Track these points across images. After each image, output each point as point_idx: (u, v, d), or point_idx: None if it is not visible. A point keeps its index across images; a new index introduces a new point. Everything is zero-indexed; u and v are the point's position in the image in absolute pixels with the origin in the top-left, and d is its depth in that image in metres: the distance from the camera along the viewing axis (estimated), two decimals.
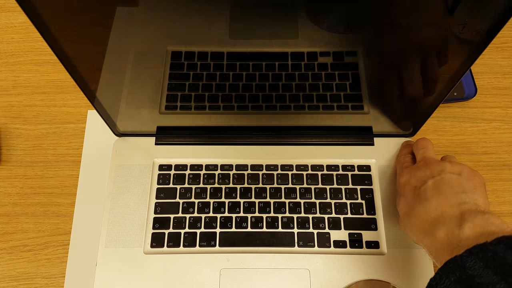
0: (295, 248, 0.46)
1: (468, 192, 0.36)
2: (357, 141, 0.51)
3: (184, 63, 0.52)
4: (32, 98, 0.56)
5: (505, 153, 0.53)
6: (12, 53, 0.58)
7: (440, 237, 0.34)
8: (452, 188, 0.36)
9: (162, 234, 0.46)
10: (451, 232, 0.33)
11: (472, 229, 0.32)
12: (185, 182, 0.49)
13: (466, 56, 0.37)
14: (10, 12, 0.61)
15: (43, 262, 0.48)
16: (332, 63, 0.51)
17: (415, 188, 0.39)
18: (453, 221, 0.34)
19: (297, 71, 0.51)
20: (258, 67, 0.51)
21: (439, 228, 0.34)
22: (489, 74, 0.57)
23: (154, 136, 0.51)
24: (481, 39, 0.35)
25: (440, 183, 0.37)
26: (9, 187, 0.52)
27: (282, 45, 0.52)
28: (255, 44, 0.52)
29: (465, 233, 0.32)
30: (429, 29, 0.39)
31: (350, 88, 0.51)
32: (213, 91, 0.51)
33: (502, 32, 0.33)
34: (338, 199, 0.48)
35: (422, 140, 0.45)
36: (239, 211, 0.47)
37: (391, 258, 0.45)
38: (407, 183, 0.41)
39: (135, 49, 0.48)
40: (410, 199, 0.39)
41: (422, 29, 0.39)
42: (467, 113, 0.55)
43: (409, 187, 0.40)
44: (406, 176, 0.41)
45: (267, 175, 0.49)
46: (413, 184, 0.40)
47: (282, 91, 0.51)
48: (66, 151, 0.53)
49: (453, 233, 0.33)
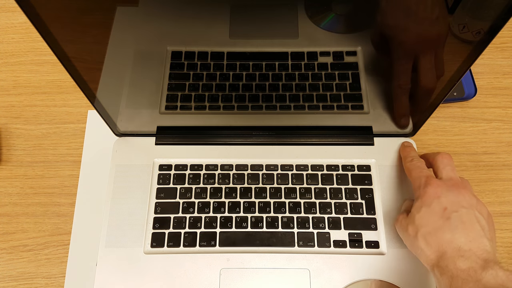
0: (295, 248, 0.46)
1: (491, 240, 0.37)
2: (357, 141, 0.51)
3: (184, 63, 0.52)
4: (32, 98, 0.56)
5: (505, 153, 0.53)
6: (12, 53, 0.59)
7: (461, 266, 0.35)
8: (479, 231, 0.38)
9: (162, 234, 0.46)
10: (474, 269, 0.35)
11: (494, 278, 0.34)
12: (185, 182, 0.49)
13: (466, 56, 0.37)
14: (10, 12, 0.61)
15: (43, 262, 0.48)
16: (332, 63, 0.51)
17: (445, 210, 0.39)
18: (478, 262, 0.35)
19: (297, 71, 0.51)
20: (258, 67, 0.51)
21: (463, 260, 0.36)
22: (489, 74, 0.57)
23: (154, 136, 0.51)
24: (481, 39, 0.35)
25: (470, 217, 0.38)
26: (9, 187, 0.52)
27: (282, 45, 0.52)
28: (255, 44, 0.52)
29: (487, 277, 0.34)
30: (429, 29, 0.39)
31: (350, 88, 0.51)
32: (213, 91, 0.51)
33: (502, 32, 0.33)
34: (338, 199, 0.48)
35: (446, 156, 0.44)
36: (239, 211, 0.47)
37: (391, 258, 0.45)
38: (437, 197, 0.40)
39: (135, 49, 0.48)
40: (436, 218, 0.39)
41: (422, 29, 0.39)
42: (467, 113, 0.55)
43: (438, 203, 0.40)
44: (436, 190, 0.41)
45: (267, 175, 0.49)
46: (444, 204, 0.39)
47: (282, 91, 0.51)
48: (66, 151, 0.53)
49: (475, 270, 0.35)
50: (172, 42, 0.52)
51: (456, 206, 0.39)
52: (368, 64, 0.51)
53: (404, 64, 0.43)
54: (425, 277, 0.44)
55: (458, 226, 0.38)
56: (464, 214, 0.38)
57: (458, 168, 0.52)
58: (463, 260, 0.36)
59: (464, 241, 0.37)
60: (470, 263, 0.35)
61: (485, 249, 0.36)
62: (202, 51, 0.52)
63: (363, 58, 0.51)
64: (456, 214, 0.38)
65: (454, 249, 0.37)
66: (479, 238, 0.37)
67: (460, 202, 0.39)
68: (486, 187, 0.51)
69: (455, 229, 0.38)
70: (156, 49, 0.52)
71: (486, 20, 0.34)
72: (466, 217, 0.38)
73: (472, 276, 0.34)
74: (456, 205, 0.39)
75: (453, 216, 0.38)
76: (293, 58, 0.52)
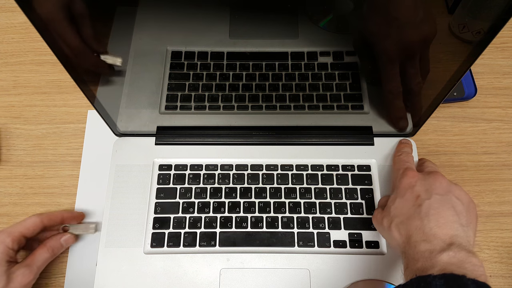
0: (295, 248, 0.46)
1: (464, 226, 0.37)
2: (357, 141, 0.51)
3: (184, 63, 0.52)
4: (32, 98, 0.56)
5: (505, 153, 0.53)
6: (12, 53, 0.59)
7: (421, 249, 0.35)
8: (452, 216, 0.37)
9: (162, 234, 0.46)
10: (430, 251, 0.34)
11: (449, 258, 0.33)
12: (185, 182, 0.49)
13: (466, 56, 0.37)
14: (10, 12, 0.61)
15: None
16: (332, 63, 0.52)
17: (418, 198, 0.39)
18: (440, 245, 0.34)
19: (297, 71, 0.51)
20: (258, 67, 0.51)
21: (424, 244, 0.35)
22: (489, 74, 0.57)
23: (154, 136, 0.51)
24: (481, 39, 0.35)
25: (444, 203, 0.38)
26: (9, 187, 0.52)
27: (282, 45, 0.52)
28: (255, 44, 0.52)
29: (442, 257, 0.33)
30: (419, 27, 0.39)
31: (350, 88, 0.51)
32: (213, 91, 0.51)
33: (502, 32, 0.33)
34: (338, 199, 0.48)
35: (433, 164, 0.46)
36: (239, 211, 0.47)
37: (391, 258, 0.45)
38: (410, 187, 0.40)
39: (135, 49, 0.48)
40: (408, 206, 0.39)
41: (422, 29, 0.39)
42: (467, 113, 0.55)
43: (411, 192, 0.40)
44: (411, 180, 0.41)
45: (267, 175, 0.49)
46: (417, 192, 0.39)
47: (282, 91, 0.51)
48: (66, 151, 0.53)
49: (432, 252, 0.34)
50: (172, 42, 0.52)
51: (429, 194, 0.39)
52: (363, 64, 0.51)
53: (390, 69, 0.43)
54: None
55: (429, 213, 0.37)
56: (436, 200, 0.38)
57: (458, 168, 0.52)
58: (425, 243, 0.35)
59: (432, 226, 0.36)
60: (430, 246, 0.35)
61: (454, 234, 0.35)
62: (202, 51, 0.52)
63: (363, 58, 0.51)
64: (428, 201, 0.38)
65: (419, 234, 0.36)
66: (449, 223, 0.36)
67: (434, 189, 0.39)
68: (486, 187, 0.51)
69: (425, 216, 0.37)
70: (156, 49, 0.52)
71: (486, 20, 0.34)
72: (439, 203, 0.38)
73: (426, 257, 0.34)
74: (430, 192, 0.39)
75: (424, 204, 0.38)
76: (293, 58, 0.52)
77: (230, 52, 0.52)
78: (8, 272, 0.41)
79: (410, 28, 0.39)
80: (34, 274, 0.43)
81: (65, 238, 0.46)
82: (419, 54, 0.41)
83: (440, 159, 0.52)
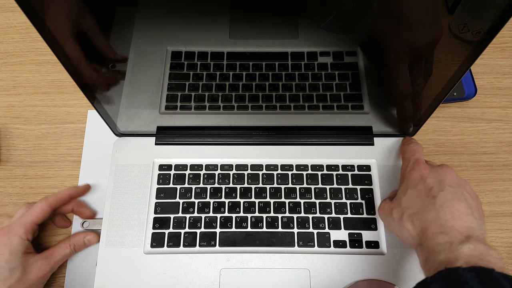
0: (295, 248, 0.46)
1: (477, 219, 0.37)
2: (357, 141, 0.51)
3: (184, 63, 0.52)
4: (32, 98, 0.56)
5: (505, 153, 0.53)
6: (12, 53, 0.59)
7: (439, 241, 0.35)
8: (466, 208, 0.37)
9: (162, 234, 0.46)
10: (450, 243, 0.34)
11: (470, 251, 0.33)
12: (185, 182, 0.49)
13: (466, 56, 0.37)
14: (10, 12, 0.61)
15: None
16: (332, 63, 0.52)
17: (431, 189, 0.39)
18: (458, 237, 0.35)
19: (297, 71, 0.51)
20: (258, 67, 0.51)
21: (443, 236, 0.35)
22: (489, 74, 0.57)
23: (154, 136, 0.51)
24: (481, 39, 0.35)
25: (457, 195, 0.38)
26: (9, 187, 0.52)
27: (282, 45, 0.52)
28: (255, 44, 0.52)
29: (463, 249, 0.33)
30: (429, 28, 0.39)
31: (350, 88, 0.51)
32: (213, 91, 0.51)
33: (502, 32, 0.33)
34: (338, 199, 0.48)
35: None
36: (239, 211, 0.47)
37: (391, 258, 0.45)
38: (422, 179, 0.40)
39: (135, 49, 0.48)
40: (422, 197, 0.39)
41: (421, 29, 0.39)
42: (467, 113, 0.55)
43: (423, 184, 0.40)
44: (423, 171, 0.41)
45: (267, 175, 0.49)
46: (430, 183, 0.39)
47: (282, 91, 0.51)
48: (66, 151, 0.53)
49: (452, 243, 0.34)
50: (172, 42, 0.52)
51: (442, 185, 0.39)
52: (368, 64, 0.51)
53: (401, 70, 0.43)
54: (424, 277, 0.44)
55: (444, 204, 0.37)
56: (450, 192, 0.38)
57: (458, 168, 0.52)
58: (443, 235, 0.35)
59: (448, 218, 0.36)
60: (449, 238, 0.35)
61: (470, 226, 0.36)
62: (202, 51, 0.52)
63: (363, 58, 0.51)
64: (442, 193, 0.38)
65: (436, 226, 0.36)
66: (464, 215, 0.36)
67: (446, 181, 0.39)
68: (486, 187, 0.51)
69: (440, 208, 0.37)
70: (156, 49, 0.52)
71: (486, 20, 0.34)
72: (452, 195, 0.38)
73: (447, 249, 0.34)
74: (442, 184, 0.39)
75: (439, 195, 0.38)
76: (293, 58, 0.52)
77: (230, 52, 0.52)
78: (25, 263, 0.41)
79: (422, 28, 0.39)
80: (51, 267, 0.43)
81: (88, 237, 0.46)
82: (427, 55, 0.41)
83: (440, 159, 0.52)
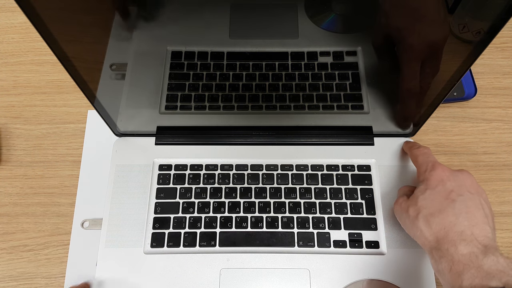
0: (295, 248, 0.46)
1: (492, 229, 0.37)
2: (357, 141, 0.51)
3: (184, 63, 0.52)
4: (32, 98, 0.56)
5: (505, 153, 0.53)
6: (12, 53, 0.59)
7: (462, 251, 0.35)
8: (483, 217, 0.37)
9: (162, 234, 0.46)
10: (475, 254, 0.34)
11: (495, 264, 0.33)
12: (185, 182, 0.49)
13: (466, 56, 0.37)
14: (10, 12, 0.61)
15: (43, 262, 0.48)
16: (332, 63, 0.51)
17: (451, 192, 0.39)
18: (479, 246, 0.35)
19: (297, 71, 0.51)
20: (258, 67, 0.51)
21: (464, 244, 0.35)
22: (489, 74, 0.57)
23: (154, 136, 0.51)
24: (481, 39, 0.35)
25: (475, 203, 0.38)
26: (9, 187, 0.52)
27: (282, 45, 0.52)
28: (255, 44, 0.52)
29: (488, 262, 0.33)
30: (429, 28, 0.39)
31: (350, 88, 0.51)
32: (213, 91, 0.51)
33: (502, 32, 0.33)
34: (338, 199, 0.48)
35: None
36: (239, 211, 0.47)
37: (391, 258, 0.45)
38: (442, 181, 0.40)
39: (135, 49, 0.48)
40: (441, 200, 0.39)
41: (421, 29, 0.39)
42: (467, 113, 0.55)
43: (443, 186, 0.40)
44: (443, 174, 0.41)
45: (267, 175, 0.49)
46: (450, 187, 0.39)
47: (282, 91, 0.51)
48: (66, 151, 0.53)
49: (477, 255, 0.34)
50: (172, 42, 0.52)
51: (462, 190, 0.39)
52: (368, 64, 0.51)
53: (413, 67, 0.43)
54: (425, 277, 0.44)
55: (462, 210, 0.37)
56: (469, 198, 0.38)
57: (458, 168, 0.52)
58: (465, 244, 0.35)
59: (467, 225, 0.36)
60: (471, 248, 0.35)
61: (487, 235, 0.36)
62: (202, 51, 0.52)
63: (363, 58, 0.51)
64: (462, 197, 0.38)
65: (456, 233, 0.36)
66: (482, 224, 0.36)
67: (466, 187, 0.39)
68: (486, 187, 0.51)
69: (459, 213, 0.37)
70: (156, 49, 0.52)
71: (486, 20, 0.34)
72: (471, 202, 0.38)
73: (473, 262, 0.34)
74: (462, 189, 0.39)
75: (458, 199, 0.38)
76: (293, 58, 0.52)
77: (230, 52, 0.52)
78: None
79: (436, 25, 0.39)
80: None
81: None
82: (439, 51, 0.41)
83: (440, 159, 0.52)
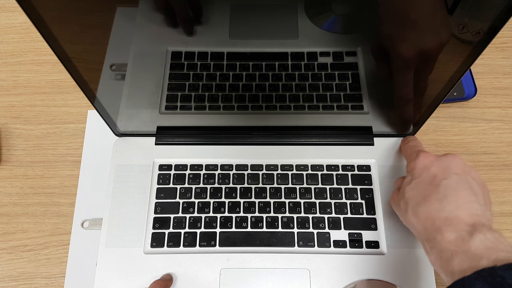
0: (295, 248, 0.46)
1: (482, 205, 0.36)
2: (357, 141, 0.51)
3: (184, 63, 0.52)
4: (32, 98, 0.56)
5: (505, 153, 0.53)
6: (12, 53, 0.59)
7: (448, 237, 0.34)
8: (470, 196, 0.36)
9: (162, 234, 0.46)
10: (461, 237, 0.33)
11: (483, 242, 0.32)
12: (185, 182, 0.49)
13: (466, 56, 0.37)
14: (10, 12, 0.61)
15: (43, 262, 0.48)
16: (332, 63, 0.51)
17: (435, 177, 0.38)
18: (465, 228, 0.34)
19: (297, 71, 0.51)
20: (258, 67, 0.51)
21: (450, 229, 0.34)
22: (489, 74, 0.57)
23: (154, 136, 0.51)
24: (481, 39, 0.35)
25: (461, 183, 0.37)
26: (9, 187, 0.52)
27: (282, 45, 0.52)
28: (255, 44, 0.52)
29: (475, 243, 0.32)
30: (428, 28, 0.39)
31: (350, 88, 0.51)
32: (213, 91, 0.51)
33: (502, 32, 0.33)
34: (338, 199, 0.48)
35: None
36: (239, 211, 0.47)
37: (391, 258, 0.45)
38: (426, 167, 0.39)
39: (135, 49, 0.48)
40: (425, 186, 0.38)
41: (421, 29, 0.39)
42: (467, 113, 0.55)
43: (427, 173, 0.39)
44: (426, 160, 0.40)
45: (267, 175, 0.49)
46: (433, 172, 0.38)
47: (282, 91, 0.51)
48: (66, 151, 0.53)
49: (463, 238, 0.33)
50: (172, 42, 0.52)
51: (446, 173, 0.38)
52: (368, 64, 0.51)
53: (405, 75, 0.42)
54: (425, 277, 0.44)
55: (448, 194, 0.36)
56: (455, 180, 0.37)
57: None
58: (451, 229, 0.34)
59: (451, 209, 0.35)
60: (457, 232, 0.34)
61: (474, 213, 0.34)
62: (202, 51, 0.52)
63: (363, 59, 0.51)
64: (446, 181, 0.37)
65: (441, 219, 0.35)
66: (468, 203, 0.35)
67: (451, 169, 0.38)
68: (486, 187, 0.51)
69: (444, 197, 0.36)
70: (156, 49, 0.52)
71: (485, 20, 0.34)
72: (457, 184, 0.37)
73: (460, 246, 0.33)
74: (447, 171, 0.38)
75: (442, 184, 0.37)
76: (293, 58, 0.52)
77: (230, 52, 0.52)
78: None
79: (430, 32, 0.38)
80: None
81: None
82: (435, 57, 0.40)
83: None
